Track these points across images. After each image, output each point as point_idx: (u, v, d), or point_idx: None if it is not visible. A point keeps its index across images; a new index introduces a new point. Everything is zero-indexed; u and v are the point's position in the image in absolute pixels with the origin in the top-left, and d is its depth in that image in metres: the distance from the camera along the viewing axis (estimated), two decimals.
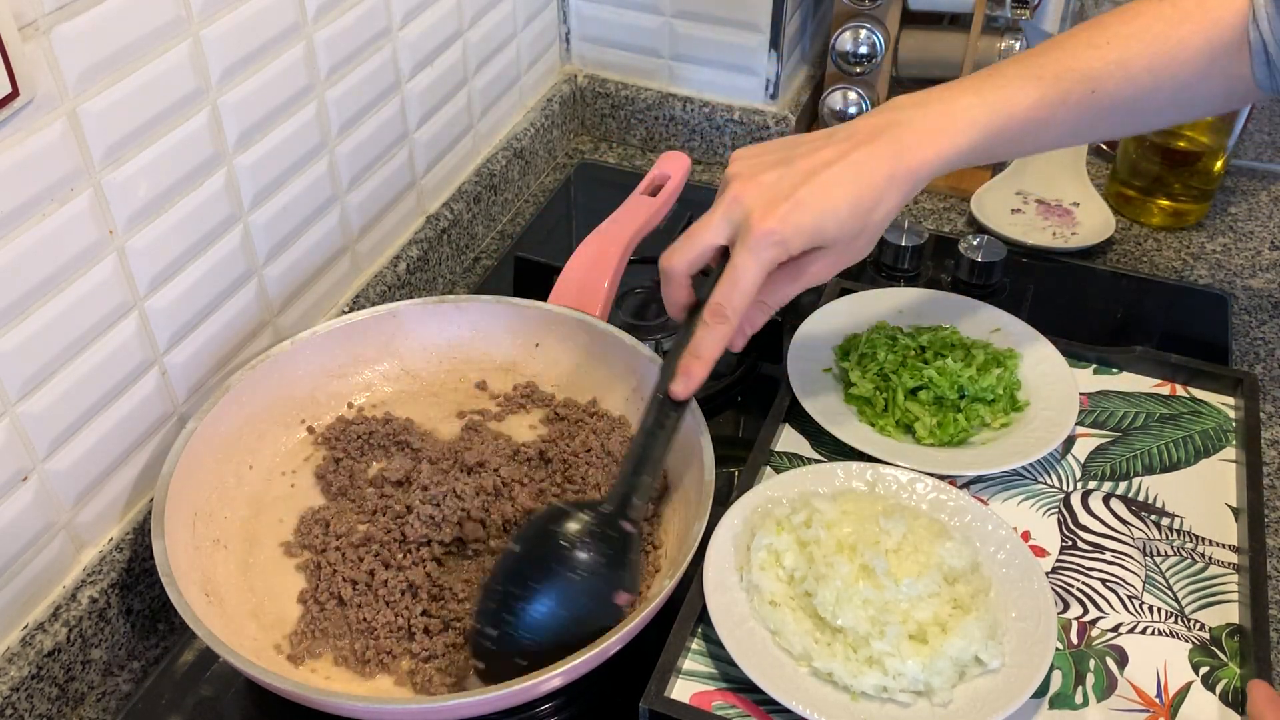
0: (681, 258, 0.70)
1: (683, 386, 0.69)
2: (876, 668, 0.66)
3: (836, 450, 0.84)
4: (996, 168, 1.17)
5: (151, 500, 0.72)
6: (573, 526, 0.67)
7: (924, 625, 0.67)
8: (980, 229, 1.09)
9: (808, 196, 0.66)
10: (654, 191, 0.94)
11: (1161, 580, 0.75)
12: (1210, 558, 0.76)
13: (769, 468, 0.83)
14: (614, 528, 0.68)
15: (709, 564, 0.72)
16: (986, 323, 0.92)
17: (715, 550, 0.73)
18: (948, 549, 0.70)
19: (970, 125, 0.70)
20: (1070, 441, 0.85)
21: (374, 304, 0.92)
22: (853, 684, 0.66)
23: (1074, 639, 0.72)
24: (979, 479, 0.82)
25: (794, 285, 0.70)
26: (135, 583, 0.74)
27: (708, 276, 0.71)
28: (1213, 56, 0.71)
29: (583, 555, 0.66)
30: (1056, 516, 0.79)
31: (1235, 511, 0.79)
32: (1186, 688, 0.69)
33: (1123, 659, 0.70)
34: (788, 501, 0.76)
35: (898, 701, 0.66)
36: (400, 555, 0.73)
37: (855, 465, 0.79)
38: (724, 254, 0.70)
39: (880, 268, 1.05)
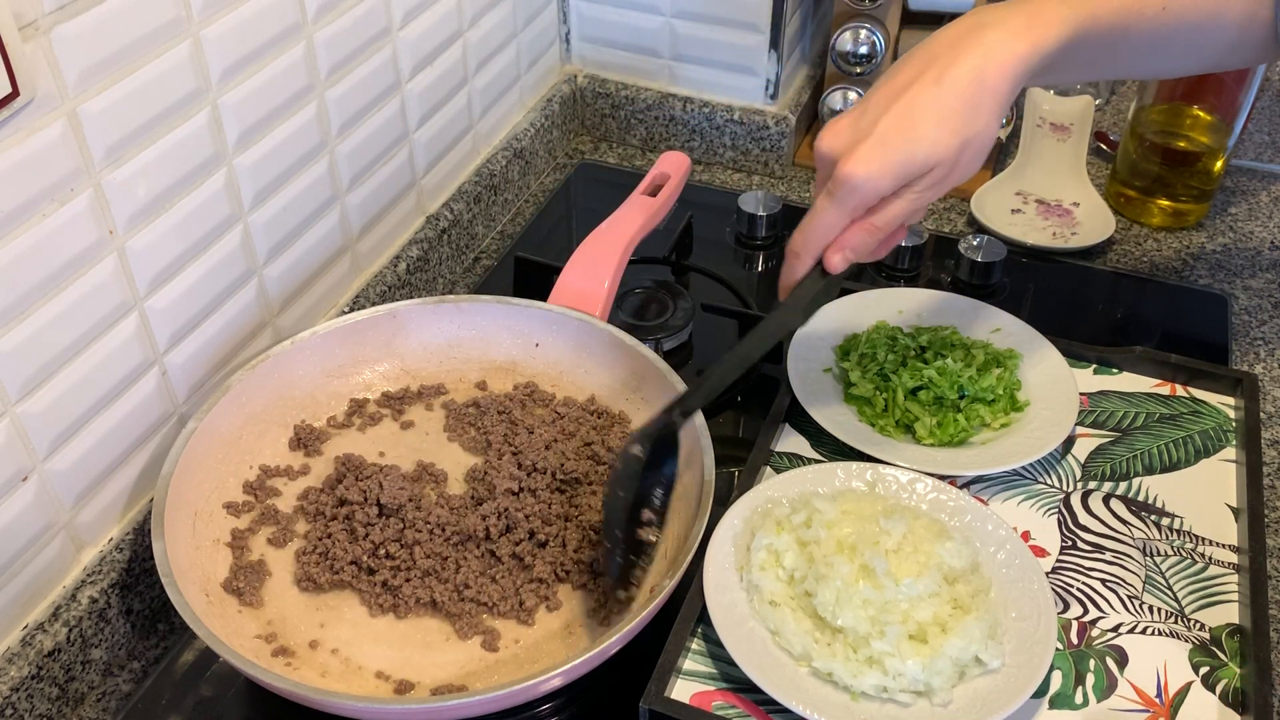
0: (802, 239, 0.68)
1: (780, 293, 0.71)
2: (876, 668, 0.66)
3: (836, 450, 0.84)
4: (997, 167, 1.17)
5: (151, 500, 0.72)
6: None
7: (924, 625, 0.67)
8: (980, 229, 1.09)
9: (888, 130, 0.63)
10: (654, 191, 0.94)
11: (1161, 580, 0.75)
12: (1210, 558, 0.76)
13: (769, 468, 0.83)
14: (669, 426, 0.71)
15: (709, 564, 0.72)
16: (986, 323, 0.92)
17: (715, 550, 0.73)
18: (948, 549, 0.70)
19: (1060, 21, 0.65)
20: (1070, 441, 0.85)
21: (374, 304, 0.92)
22: (853, 684, 0.66)
23: (1074, 639, 0.72)
24: (979, 479, 0.82)
25: (904, 209, 0.66)
26: (135, 583, 0.74)
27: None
28: None
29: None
30: (1056, 516, 0.79)
31: (1235, 511, 0.79)
32: (1186, 688, 0.69)
33: (1123, 659, 0.70)
34: (788, 501, 0.76)
35: (898, 701, 0.66)
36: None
37: (855, 465, 0.79)
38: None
39: (880, 268, 1.05)
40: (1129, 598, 0.74)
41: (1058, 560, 0.76)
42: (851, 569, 0.68)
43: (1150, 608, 0.73)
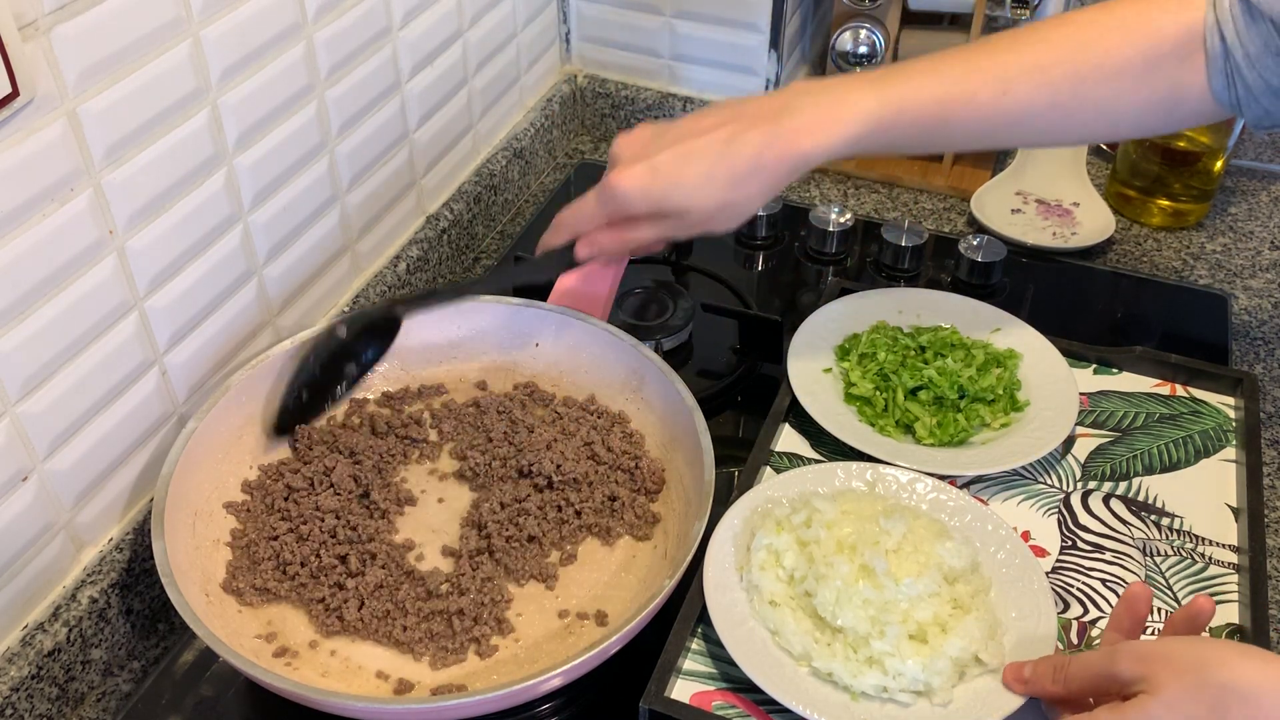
0: (564, 217, 0.74)
1: (538, 249, 0.79)
2: (876, 668, 0.66)
3: (836, 450, 0.84)
4: (997, 167, 1.17)
5: (151, 500, 0.72)
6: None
7: (924, 625, 0.67)
8: (980, 229, 1.09)
9: (664, 163, 0.67)
10: None
11: (1161, 580, 0.75)
12: (1210, 558, 0.76)
13: (769, 468, 0.83)
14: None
15: (709, 564, 0.72)
16: (986, 323, 0.92)
17: (715, 550, 0.73)
18: (948, 549, 0.70)
19: (858, 117, 0.68)
20: (1070, 441, 0.85)
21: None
22: (853, 684, 0.66)
23: (1074, 639, 0.72)
24: (979, 479, 0.82)
25: (653, 235, 0.71)
26: (135, 583, 0.74)
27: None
28: (1148, 69, 0.68)
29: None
30: (1056, 516, 0.79)
31: (1235, 511, 0.79)
32: None
33: None
34: (788, 501, 0.76)
35: (898, 701, 0.66)
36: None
37: (855, 465, 0.79)
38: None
39: (880, 268, 1.05)
40: None
41: (1058, 560, 0.76)
42: (851, 569, 0.68)
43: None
